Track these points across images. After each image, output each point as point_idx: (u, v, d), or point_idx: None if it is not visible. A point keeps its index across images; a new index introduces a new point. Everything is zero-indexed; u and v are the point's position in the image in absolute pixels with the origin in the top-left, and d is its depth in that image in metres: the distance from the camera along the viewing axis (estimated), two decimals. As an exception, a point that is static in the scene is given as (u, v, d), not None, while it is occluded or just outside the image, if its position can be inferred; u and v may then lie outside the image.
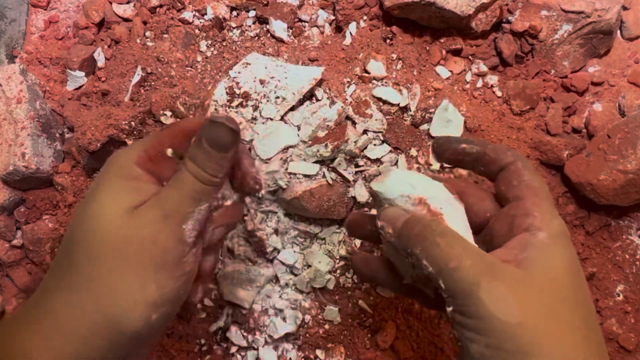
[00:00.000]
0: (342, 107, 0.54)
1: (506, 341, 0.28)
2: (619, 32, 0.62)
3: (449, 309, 0.31)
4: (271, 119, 0.53)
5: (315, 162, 0.53)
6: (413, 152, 0.57)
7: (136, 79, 0.59)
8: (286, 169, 0.53)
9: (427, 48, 0.60)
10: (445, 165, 0.56)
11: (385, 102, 0.56)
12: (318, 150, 0.52)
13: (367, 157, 0.56)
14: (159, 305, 0.32)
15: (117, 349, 0.32)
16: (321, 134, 0.53)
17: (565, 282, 0.30)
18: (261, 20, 0.62)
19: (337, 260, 0.57)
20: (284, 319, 0.56)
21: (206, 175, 0.34)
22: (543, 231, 0.31)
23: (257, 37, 0.61)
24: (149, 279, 0.32)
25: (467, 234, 0.34)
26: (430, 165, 0.57)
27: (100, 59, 0.63)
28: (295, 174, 0.53)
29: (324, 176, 0.54)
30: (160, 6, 0.63)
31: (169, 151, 0.37)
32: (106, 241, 0.31)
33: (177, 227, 0.33)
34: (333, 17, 0.62)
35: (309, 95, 0.55)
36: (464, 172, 0.56)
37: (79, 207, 0.33)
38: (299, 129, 0.54)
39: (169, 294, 0.33)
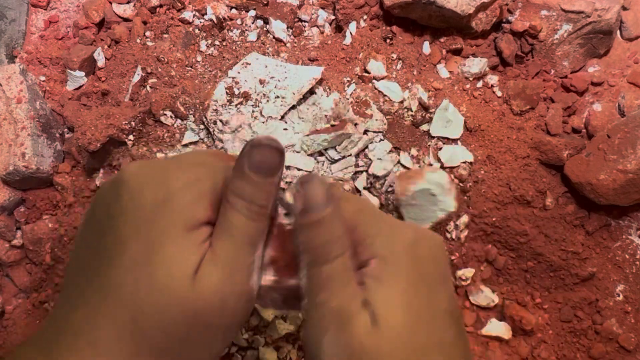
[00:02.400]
0: (338, 97, 0.54)
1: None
2: (618, 32, 0.62)
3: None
4: (271, 119, 0.53)
5: (313, 153, 0.53)
6: (414, 151, 0.57)
7: (136, 79, 0.59)
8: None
9: (428, 49, 0.60)
10: (446, 165, 0.56)
11: (386, 98, 0.56)
12: (316, 140, 0.52)
13: (367, 156, 0.56)
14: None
15: None
16: (320, 126, 0.53)
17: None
18: (261, 20, 0.62)
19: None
20: (284, 319, 0.56)
21: (256, 208, 0.30)
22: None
23: (257, 37, 0.61)
24: (217, 343, 0.30)
25: None
26: (431, 164, 0.57)
27: (100, 59, 0.63)
28: (295, 174, 0.53)
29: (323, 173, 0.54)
30: (160, 6, 0.63)
31: None
32: (176, 317, 0.28)
33: (241, 285, 0.30)
34: (333, 17, 0.62)
35: (309, 96, 0.55)
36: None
37: (139, 263, 0.28)
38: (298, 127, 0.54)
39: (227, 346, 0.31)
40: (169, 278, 0.28)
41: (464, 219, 0.57)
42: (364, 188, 0.56)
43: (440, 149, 0.57)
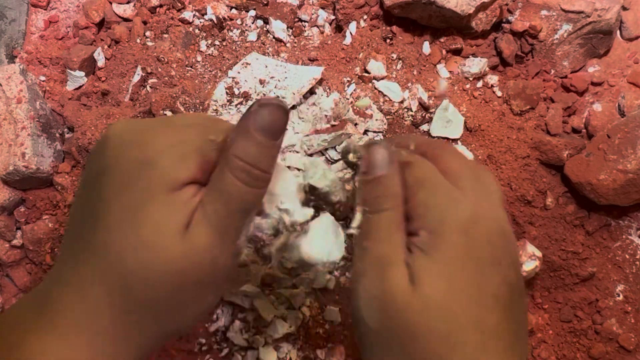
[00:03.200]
0: (339, 97, 0.54)
1: None
2: (618, 32, 0.62)
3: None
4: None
5: (313, 154, 0.53)
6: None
7: (136, 79, 0.59)
8: (284, 159, 0.53)
9: (428, 49, 0.60)
10: None
11: (386, 98, 0.56)
12: (316, 140, 0.52)
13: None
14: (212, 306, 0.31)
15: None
16: (320, 126, 0.53)
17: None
18: (261, 20, 0.62)
19: (338, 260, 0.57)
20: (284, 318, 0.56)
21: (258, 173, 0.29)
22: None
23: (257, 37, 0.61)
24: (207, 297, 0.30)
25: None
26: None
27: (100, 59, 0.63)
28: (295, 174, 0.53)
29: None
30: (160, 6, 0.63)
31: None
32: (165, 273, 0.28)
33: (231, 245, 0.30)
34: (333, 17, 0.62)
35: (309, 96, 0.55)
36: None
37: (124, 222, 0.28)
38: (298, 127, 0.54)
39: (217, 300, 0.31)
40: (156, 235, 0.27)
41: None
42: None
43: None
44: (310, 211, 0.37)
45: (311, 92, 0.55)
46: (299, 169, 0.53)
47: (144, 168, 0.28)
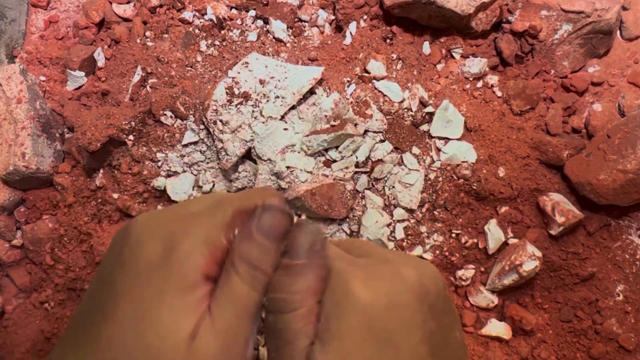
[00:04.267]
0: (338, 97, 0.54)
1: None
2: (618, 32, 0.62)
3: None
4: (271, 119, 0.53)
5: (313, 154, 0.53)
6: (415, 150, 0.57)
7: (136, 79, 0.59)
8: (284, 159, 0.53)
9: (428, 49, 0.60)
10: (448, 162, 0.56)
11: (386, 98, 0.56)
12: (316, 141, 0.52)
13: (369, 157, 0.56)
14: None
15: None
16: (320, 126, 0.53)
17: None
18: (261, 20, 0.62)
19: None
20: None
21: (260, 275, 0.28)
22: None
23: (257, 37, 0.61)
24: None
25: None
26: (433, 162, 0.57)
27: (100, 59, 0.63)
28: (295, 174, 0.53)
29: (325, 171, 0.54)
30: (160, 6, 0.63)
31: None
32: None
33: (240, 357, 0.28)
34: (333, 17, 0.62)
35: (309, 96, 0.55)
36: None
37: (132, 322, 0.27)
38: (298, 127, 0.54)
39: None
40: (161, 341, 0.26)
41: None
42: (366, 188, 0.56)
43: (440, 149, 0.57)
44: None
45: (311, 92, 0.55)
46: (305, 171, 0.53)
47: (158, 265, 0.28)
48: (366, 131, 0.55)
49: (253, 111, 0.53)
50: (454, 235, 0.57)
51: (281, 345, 0.28)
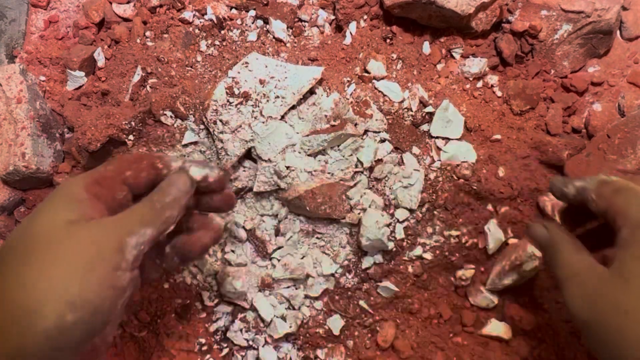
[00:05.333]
0: (338, 97, 0.54)
1: None
2: (618, 32, 0.62)
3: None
4: (271, 119, 0.53)
5: (313, 154, 0.53)
6: (415, 150, 0.57)
7: (136, 79, 0.59)
8: (284, 159, 0.53)
9: (428, 49, 0.60)
10: (449, 162, 0.56)
11: (386, 98, 0.56)
12: (316, 140, 0.52)
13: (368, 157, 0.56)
14: (77, 308, 0.31)
15: (35, 349, 0.30)
16: (320, 126, 0.53)
17: None
18: (261, 20, 0.62)
19: (339, 260, 0.57)
20: (284, 318, 0.57)
21: (159, 206, 0.38)
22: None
23: (257, 37, 0.61)
24: (75, 277, 0.31)
25: None
26: (433, 162, 0.57)
27: (100, 59, 0.63)
28: (296, 174, 0.53)
29: (324, 171, 0.54)
30: (160, 6, 0.63)
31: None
32: (42, 241, 0.32)
33: (119, 236, 0.34)
34: (333, 17, 0.62)
35: (309, 96, 0.55)
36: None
37: (23, 220, 0.34)
38: (298, 126, 0.54)
39: (91, 300, 0.31)
40: (42, 216, 0.35)
41: (464, 219, 0.57)
42: (366, 188, 0.56)
43: (440, 149, 0.57)
44: None
45: (311, 92, 0.55)
46: (306, 172, 0.53)
47: (52, 192, 0.39)
48: (366, 131, 0.56)
49: (253, 111, 0.53)
50: (454, 235, 0.57)
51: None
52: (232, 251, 0.57)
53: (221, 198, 0.45)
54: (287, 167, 0.53)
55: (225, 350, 0.58)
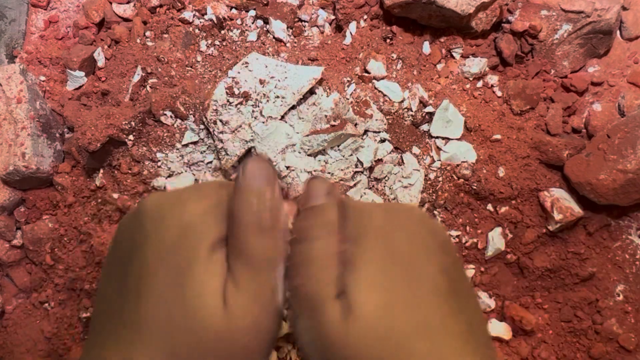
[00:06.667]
0: (338, 97, 0.54)
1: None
2: (618, 32, 0.62)
3: None
4: (271, 119, 0.53)
5: (313, 154, 0.53)
6: (416, 150, 0.57)
7: (136, 79, 0.59)
8: (284, 159, 0.53)
9: (428, 49, 0.60)
10: (448, 162, 0.56)
11: (386, 98, 0.56)
12: (316, 140, 0.52)
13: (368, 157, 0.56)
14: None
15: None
16: (320, 126, 0.53)
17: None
18: (261, 20, 0.62)
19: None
20: (284, 319, 0.56)
21: (265, 223, 0.29)
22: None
23: (257, 37, 0.61)
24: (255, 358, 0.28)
25: None
26: (433, 162, 0.57)
27: (100, 59, 0.63)
28: (296, 174, 0.53)
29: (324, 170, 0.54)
30: (160, 6, 0.62)
31: None
32: (212, 341, 0.27)
33: (270, 304, 0.29)
34: (333, 17, 0.62)
35: (309, 96, 0.55)
36: None
37: (170, 288, 0.28)
38: (298, 126, 0.54)
39: None
40: (200, 302, 0.27)
41: (464, 219, 0.57)
42: (366, 188, 0.56)
43: (440, 149, 0.57)
44: None
45: (311, 92, 0.55)
46: (306, 171, 0.53)
47: (184, 232, 0.28)
48: (366, 131, 0.55)
49: (253, 111, 0.53)
50: (454, 235, 0.57)
51: (313, 273, 0.29)
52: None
53: None
54: (287, 167, 0.53)
55: None
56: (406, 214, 0.30)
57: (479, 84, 0.60)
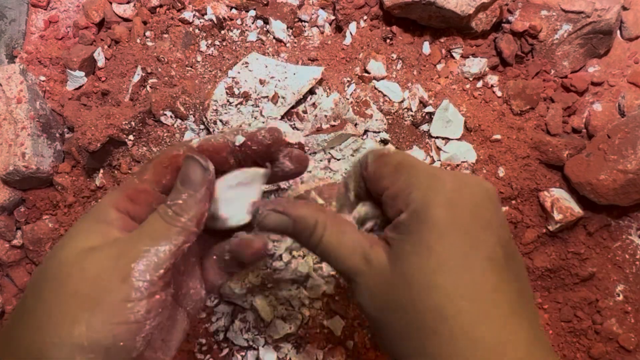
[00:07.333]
0: (338, 97, 0.54)
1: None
2: (618, 32, 0.62)
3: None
4: (271, 119, 0.53)
5: (314, 153, 0.53)
6: (416, 150, 0.57)
7: (136, 79, 0.59)
8: None
9: (428, 49, 0.60)
10: (448, 163, 0.56)
11: (386, 98, 0.56)
12: (316, 140, 0.52)
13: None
14: (86, 351, 0.28)
15: None
16: (320, 126, 0.53)
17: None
18: (261, 20, 0.62)
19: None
20: (284, 319, 0.56)
21: (171, 213, 0.31)
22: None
23: (257, 37, 0.61)
24: (81, 318, 0.28)
25: None
26: (434, 162, 0.57)
27: (100, 59, 0.63)
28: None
29: (325, 169, 0.54)
30: (160, 6, 0.63)
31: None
32: (52, 278, 0.29)
33: (124, 265, 0.29)
34: (333, 17, 0.62)
35: (309, 96, 0.55)
36: None
37: (54, 245, 0.31)
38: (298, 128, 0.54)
39: (101, 341, 0.28)
40: (59, 248, 0.32)
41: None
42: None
43: (440, 149, 0.57)
44: None
45: (311, 92, 0.55)
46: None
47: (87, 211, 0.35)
48: (366, 131, 0.55)
49: (253, 111, 0.53)
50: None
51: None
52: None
53: (290, 157, 0.37)
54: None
55: (225, 351, 0.58)
56: (475, 186, 0.31)
57: (479, 84, 0.60)
